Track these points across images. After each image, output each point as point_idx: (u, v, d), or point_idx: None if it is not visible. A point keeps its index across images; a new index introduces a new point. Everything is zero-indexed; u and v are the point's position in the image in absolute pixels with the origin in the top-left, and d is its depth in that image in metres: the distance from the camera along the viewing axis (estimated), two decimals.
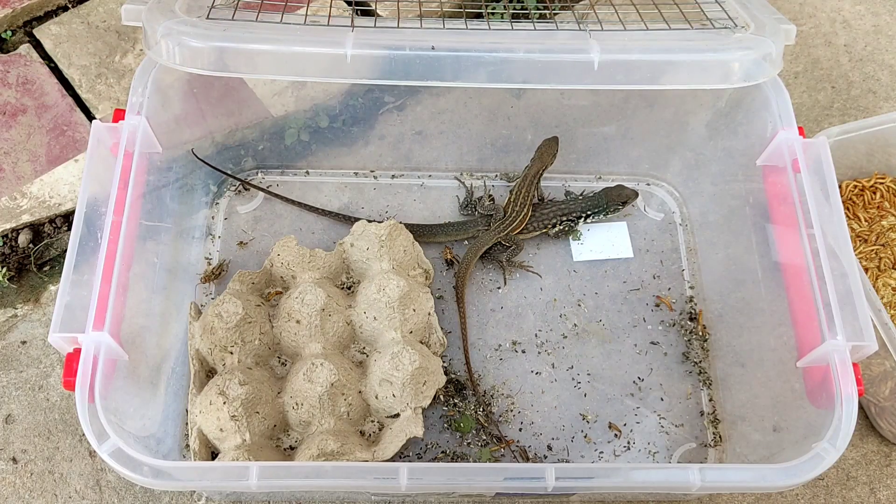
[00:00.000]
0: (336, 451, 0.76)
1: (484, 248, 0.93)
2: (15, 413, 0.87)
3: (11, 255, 0.95)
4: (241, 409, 0.77)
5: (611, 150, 1.01)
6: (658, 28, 0.77)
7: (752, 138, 0.85)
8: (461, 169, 1.02)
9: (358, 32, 0.72)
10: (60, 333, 0.64)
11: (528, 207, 0.94)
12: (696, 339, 0.91)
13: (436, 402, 0.84)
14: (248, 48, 0.70)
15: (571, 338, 0.91)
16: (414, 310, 0.86)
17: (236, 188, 0.99)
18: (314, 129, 0.98)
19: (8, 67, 1.08)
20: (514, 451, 0.83)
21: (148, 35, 0.71)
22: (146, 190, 0.78)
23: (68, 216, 0.98)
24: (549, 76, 0.73)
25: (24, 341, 0.91)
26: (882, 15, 1.25)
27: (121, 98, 1.07)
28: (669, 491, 0.74)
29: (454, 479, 0.65)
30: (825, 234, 0.73)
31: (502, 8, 1.07)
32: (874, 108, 1.15)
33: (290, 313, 0.85)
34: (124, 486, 0.83)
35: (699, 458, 0.85)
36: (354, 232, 0.90)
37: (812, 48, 1.21)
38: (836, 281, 0.71)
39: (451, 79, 0.72)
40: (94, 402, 0.63)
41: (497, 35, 0.75)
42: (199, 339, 0.83)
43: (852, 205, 0.98)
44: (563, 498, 0.82)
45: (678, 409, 0.87)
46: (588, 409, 0.87)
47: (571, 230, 0.96)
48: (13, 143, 1.02)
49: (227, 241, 0.95)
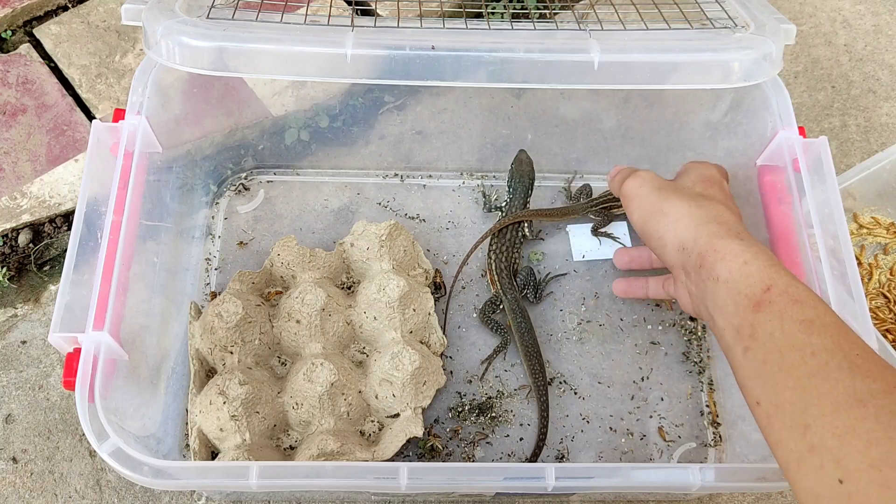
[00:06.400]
0: (336, 451, 0.76)
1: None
2: (15, 413, 0.87)
3: (11, 254, 0.95)
4: (241, 408, 0.77)
5: (611, 150, 1.01)
6: (658, 28, 0.77)
7: (752, 138, 0.85)
8: (461, 169, 1.02)
9: (358, 32, 0.72)
10: (60, 333, 0.64)
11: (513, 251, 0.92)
12: (695, 339, 0.91)
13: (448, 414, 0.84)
14: (248, 48, 0.70)
15: (571, 337, 0.91)
16: (414, 310, 0.86)
17: (236, 188, 0.99)
18: (314, 128, 0.99)
19: (8, 67, 1.08)
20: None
21: (148, 35, 0.71)
22: (146, 190, 0.78)
23: (68, 216, 0.98)
24: (549, 76, 0.73)
25: (24, 341, 0.91)
26: (882, 15, 1.25)
27: (121, 98, 1.07)
28: (669, 491, 0.74)
29: (454, 478, 0.65)
30: (825, 233, 0.73)
31: (502, 8, 1.07)
32: (874, 107, 1.15)
33: (290, 313, 0.85)
34: (124, 486, 0.83)
35: (699, 458, 0.85)
36: (354, 232, 0.90)
37: (812, 48, 1.21)
38: (836, 281, 0.71)
39: (451, 78, 0.72)
40: (94, 402, 0.63)
41: (497, 35, 0.75)
42: (199, 339, 0.83)
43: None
44: (563, 498, 0.82)
45: (678, 409, 0.87)
46: (588, 409, 0.87)
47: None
48: (13, 142, 1.02)
49: (227, 241, 0.95)
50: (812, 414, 0.50)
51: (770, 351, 0.56)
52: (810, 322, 0.55)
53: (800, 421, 0.51)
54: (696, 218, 0.67)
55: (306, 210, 0.98)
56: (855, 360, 0.51)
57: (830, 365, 0.52)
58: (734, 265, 0.62)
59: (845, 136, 1.13)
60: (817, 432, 0.49)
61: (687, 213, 0.68)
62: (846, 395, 0.49)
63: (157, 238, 0.82)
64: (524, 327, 0.87)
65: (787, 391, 0.53)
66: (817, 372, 0.52)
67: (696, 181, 0.75)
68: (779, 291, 0.58)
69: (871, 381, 0.49)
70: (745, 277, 0.60)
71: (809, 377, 0.52)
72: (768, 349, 0.56)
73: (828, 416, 0.49)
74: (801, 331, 0.55)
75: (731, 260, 0.62)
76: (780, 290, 0.58)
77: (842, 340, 0.53)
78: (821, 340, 0.54)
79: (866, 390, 0.49)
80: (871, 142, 1.12)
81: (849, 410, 0.48)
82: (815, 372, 0.52)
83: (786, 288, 0.58)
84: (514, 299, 0.89)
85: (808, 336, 0.54)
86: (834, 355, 0.52)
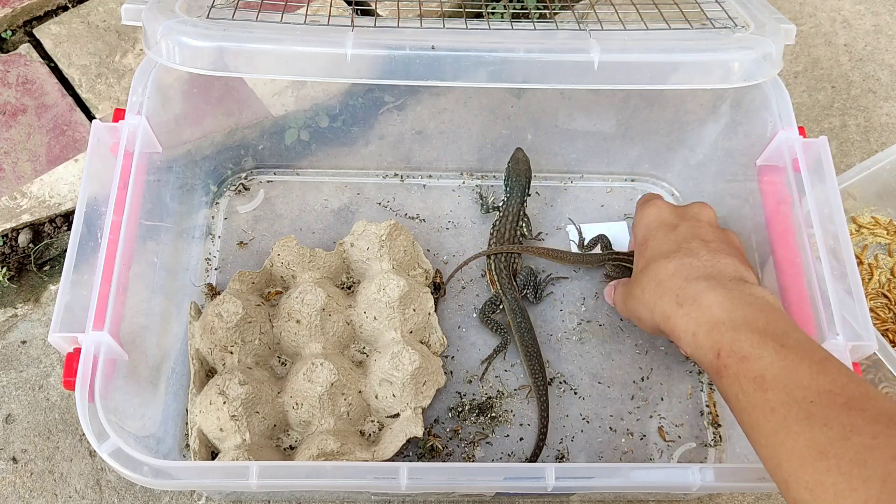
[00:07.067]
0: (336, 451, 0.76)
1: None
2: (15, 413, 0.87)
3: (11, 254, 0.95)
4: (241, 408, 0.77)
5: (611, 150, 1.01)
6: (658, 28, 0.77)
7: (752, 138, 0.85)
8: (461, 169, 1.02)
9: (358, 32, 0.72)
10: (60, 333, 0.64)
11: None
12: None
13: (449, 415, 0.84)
14: (248, 48, 0.70)
15: (571, 337, 0.91)
16: (414, 310, 0.86)
17: (236, 188, 0.99)
18: (314, 128, 0.98)
19: (8, 67, 1.08)
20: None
21: (148, 35, 0.71)
22: (146, 190, 0.78)
23: (68, 216, 0.98)
24: (549, 76, 0.73)
25: (24, 341, 0.91)
26: (882, 14, 1.25)
27: (121, 98, 1.07)
28: (669, 491, 0.74)
29: (454, 478, 0.65)
30: (825, 233, 0.73)
31: (502, 8, 1.07)
32: (874, 107, 1.15)
33: (290, 313, 0.85)
34: (124, 486, 0.83)
35: (699, 458, 0.85)
36: (354, 232, 0.90)
37: (812, 48, 1.21)
38: (836, 281, 0.71)
39: (451, 78, 0.72)
40: (94, 402, 0.63)
41: (497, 35, 0.75)
42: (199, 339, 0.83)
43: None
44: (563, 498, 0.82)
45: (678, 409, 0.87)
46: (588, 409, 0.87)
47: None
48: (13, 142, 1.02)
49: (227, 241, 0.95)
50: (786, 469, 0.53)
51: (740, 412, 0.59)
52: (761, 378, 0.57)
53: (780, 476, 0.54)
54: (649, 307, 0.72)
55: (306, 210, 0.98)
56: (809, 408, 0.53)
57: (789, 419, 0.54)
58: (687, 341, 0.65)
59: (845, 136, 1.13)
60: (794, 487, 0.52)
61: (643, 305, 0.73)
62: (808, 448, 0.51)
63: (157, 238, 0.82)
64: (524, 327, 0.87)
65: (763, 448, 0.56)
66: (780, 429, 0.54)
67: (646, 244, 0.78)
68: (727, 353, 0.60)
69: (828, 429, 0.51)
70: (699, 349, 0.64)
71: (775, 434, 0.54)
72: (738, 411, 0.59)
73: (798, 472, 0.51)
74: (756, 390, 0.57)
75: (685, 337, 0.66)
76: (727, 352, 0.60)
77: (794, 388, 0.55)
78: (775, 395, 0.56)
79: (825, 440, 0.51)
80: (871, 142, 1.12)
81: (813, 464, 0.50)
82: (777, 429, 0.54)
83: (731, 347, 0.60)
84: (514, 299, 0.89)
85: (764, 393, 0.56)
86: (790, 409, 0.54)
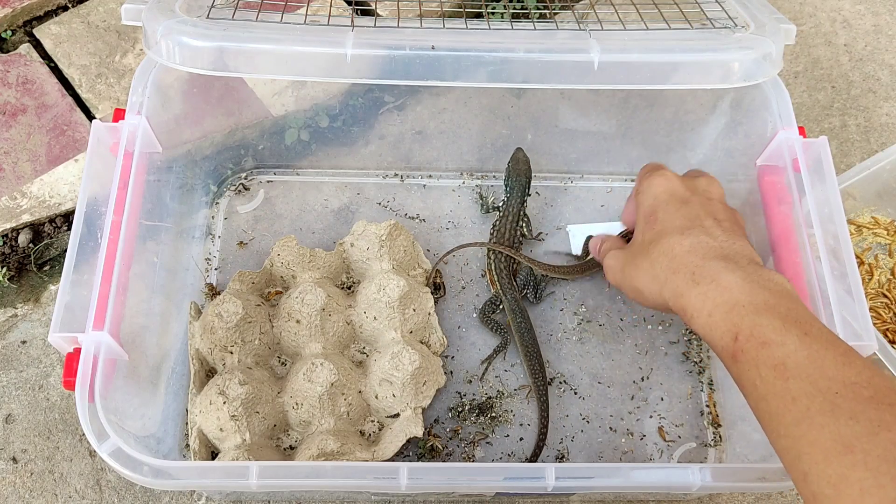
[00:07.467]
0: (336, 451, 0.76)
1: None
2: (15, 413, 0.87)
3: (11, 254, 0.95)
4: (241, 408, 0.77)
5: (611, 150, 1.01)
6: (658, 28, 0.77)
7: (752, 138, 0.85)
8: (461, 169, 1.02)
9: (358, 32, 0.72)
10: (60, 333, 0.64)
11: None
12: (695, 339, 0.91)
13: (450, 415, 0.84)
14: (248, 48, 0.70)
15: (571, 337, 0.91)
16: (414, 310, 0.86)
17: (236, 188, 0.99)
18: (314, 128, 0.98)
19: (8, 67, 1.08)
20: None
21: (148, 35, 0.71)
22: (146, 190, 0.78)
23: (68, 216, 0.98)
24: (549, 76, 0.73)
25: (24, 341, 0.91)
26: (882, 14, 1.25)
27: (121, 98, 1.07)
28: (669, 491, 0.74)
29: (454, 478, 0.65)
30: (825, 233, 0.73)
31: (502, 8, 1.07)
32: (874, 107, 1.15)
33: (290, 313, 0.85)
34: (124, 486, 0.83)
35: (699, 458, 0.85)
36: (354, 232, 0.90)
37: (812, 48, 1.21)
38: (836, 281, 0.71)
39: (451, 78, 0.72)
40: (94, 402, 0.63)
41: (497, 35, 0.75)
42: (199, 339, 0.83)
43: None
44: (563, 498, 0.82)
45: (678, 409, 0.87)
46: (588, 409, 0.87)
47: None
48: (13, 142, 1.02)
49: (227, 241, 0.95)
50: (807, 462, 0.51)
51: (756, 400, 0.57)
52: (783, 366, 0.55)
53: (799, 468, 0.52)
54: (659, 281, 0.67)
55: (306, 210, 0.98)
56: (835, 400, 0.51)
57: (812, 410, 0.52)
58: (701, 322, 0.62)
59: (845, 136, 1.13)
60: (815, 480, 0.50)
61: (651, 279, 0.68)
62: (833, 441, 0.50)
63: (157, 238, 0.82)
64: (524, 327, 0.87)
65: (781, 439, 0.54)
66: (802, 419, 0.52)
67: (650, 217, 0.73)
68: (745, 337, 0.58)
69: (855, 422, 0.50)
70: (713, 330, 0.61)
71: (796, 425, 0.52)
72: (754, 398, 0.57)
73: (821, 465, 0.50)
74: (776, 377, 0.55)
75: (698, 317, 0.62)
76: (746, 336, 0.58)
77: (818, 378, 0.53)
78: (797, 385, 0.53)
79: (851, 434, 0.49)
80: (871, 142, 1.12)
81: (839, 458, 0.49)
82: (799, 419, 0.52)
83: (751, 331, 0.58)
84: (514, 299, 0.89)
85: (785, 382, 0.54)
86: (814, 399, 0.52)
